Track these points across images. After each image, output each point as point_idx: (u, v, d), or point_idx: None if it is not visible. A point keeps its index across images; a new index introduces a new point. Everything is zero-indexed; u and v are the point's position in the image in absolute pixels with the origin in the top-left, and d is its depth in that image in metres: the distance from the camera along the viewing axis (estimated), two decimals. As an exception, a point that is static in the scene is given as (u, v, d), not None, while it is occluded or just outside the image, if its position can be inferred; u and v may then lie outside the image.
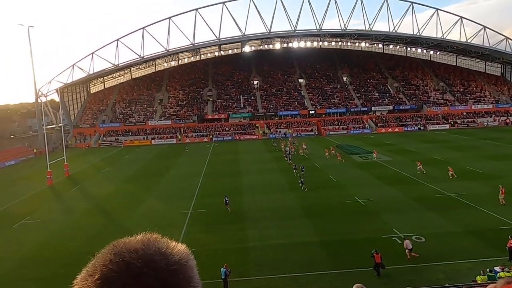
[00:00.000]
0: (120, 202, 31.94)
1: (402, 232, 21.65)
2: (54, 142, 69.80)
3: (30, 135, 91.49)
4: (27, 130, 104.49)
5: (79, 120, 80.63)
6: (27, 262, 20.60)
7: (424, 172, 35.97)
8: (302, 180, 33.56)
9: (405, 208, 26.42)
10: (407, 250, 18.63)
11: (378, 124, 77.16)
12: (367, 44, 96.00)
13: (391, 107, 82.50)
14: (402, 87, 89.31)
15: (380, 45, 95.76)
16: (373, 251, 17.55)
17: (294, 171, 38.75)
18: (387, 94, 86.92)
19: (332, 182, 34.78)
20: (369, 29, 77.16)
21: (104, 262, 1.02)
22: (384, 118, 79.72)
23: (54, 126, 76.99)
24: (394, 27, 77.46)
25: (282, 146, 55.62)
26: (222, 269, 16.48)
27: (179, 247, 1.11)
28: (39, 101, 71.73)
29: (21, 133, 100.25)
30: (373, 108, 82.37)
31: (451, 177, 33.45)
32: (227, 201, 27.89)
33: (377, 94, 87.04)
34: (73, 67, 71.71)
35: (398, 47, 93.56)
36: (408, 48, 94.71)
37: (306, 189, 32.14)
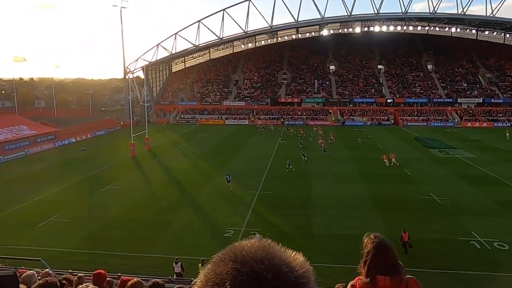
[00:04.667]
0: (193, 176, 33.73)
1: (482, 237, 20.03)
2: (138, 116, 75.36)
3: (118, 109, 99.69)
4: (115, 103, 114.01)
5: (161, 97, 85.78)
6: (111, 223, 22.88)
7: (398, 164, 35.90)
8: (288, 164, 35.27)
9: (487, 211, 24.31)
10: None
11: (463, 118, 71.04)
12: (458, 30, 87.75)
13: (480, 100, 75.17)
14: (495, 78, 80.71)
15: (474, 31, 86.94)
16: (402, 230, 18.64)
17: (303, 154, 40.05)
18: (477, 85, 79.23)
19: (407, 176, 33.05)
20: (462, 12, 70.40)
21: (232, 271, 0.97)
22: (471, 111, 73.11)
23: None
24: (492, 10, 69.81)
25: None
26: None
27: (300, 258, 1.06)
28: (127, 77, 77.60)
29: (111, 106, 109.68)
30: (459, 100, 75.75)
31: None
32: (229, 179, 29.28)
33: (465, 84, 79.79)
34: (157, 47, 76.02)
35: (495, 33, 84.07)
36: (508, 35, 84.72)
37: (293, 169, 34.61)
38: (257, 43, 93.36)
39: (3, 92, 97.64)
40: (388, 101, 77.10)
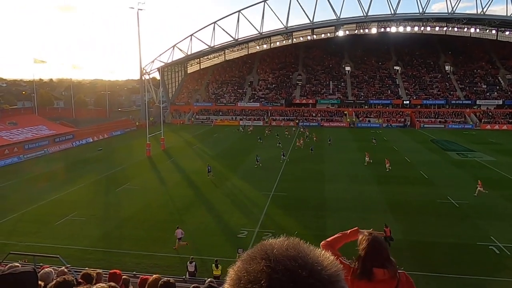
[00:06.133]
0: (207, 177, 33.85)
1: (501, 242, 19.56)
2: (153, 117, 76.17)
3: (134, 109, 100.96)
4: (131, 104, 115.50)
5: (176, 98, 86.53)
6: (126, 223, 23.14)
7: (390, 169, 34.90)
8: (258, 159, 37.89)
9: (507, 215, 23.73)
10: (177, 240, 19.32)
11: (482, 120, 69.55)
12: (478, 30, 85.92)
13: (500, 102, 73.48)
14: (516, 79, 78.76)
15: (494, 31, 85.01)
16: (384, 225, 19.04)
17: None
18: (497, 87, 77.46)
19: (423, 179, 32.54)
20: (481, 12, 68.97)
21: (266, 270, 0.95)
22: (490, 113, 71.51)
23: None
24: (514, 10, 68.16)
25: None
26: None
27: (330, 257, 1.05)
28: (143, 78, 78.54)
29: (127, 107, 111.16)
30: (478, 102, 74.22)
31: None
32: (210, 169, 33.07)
33: (484, 86, 78.11)
34: (173, 48, 76.78)
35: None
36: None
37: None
38: (272, 44, 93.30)
39: (23, 92, 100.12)
40: (405, 102, 76.06)
